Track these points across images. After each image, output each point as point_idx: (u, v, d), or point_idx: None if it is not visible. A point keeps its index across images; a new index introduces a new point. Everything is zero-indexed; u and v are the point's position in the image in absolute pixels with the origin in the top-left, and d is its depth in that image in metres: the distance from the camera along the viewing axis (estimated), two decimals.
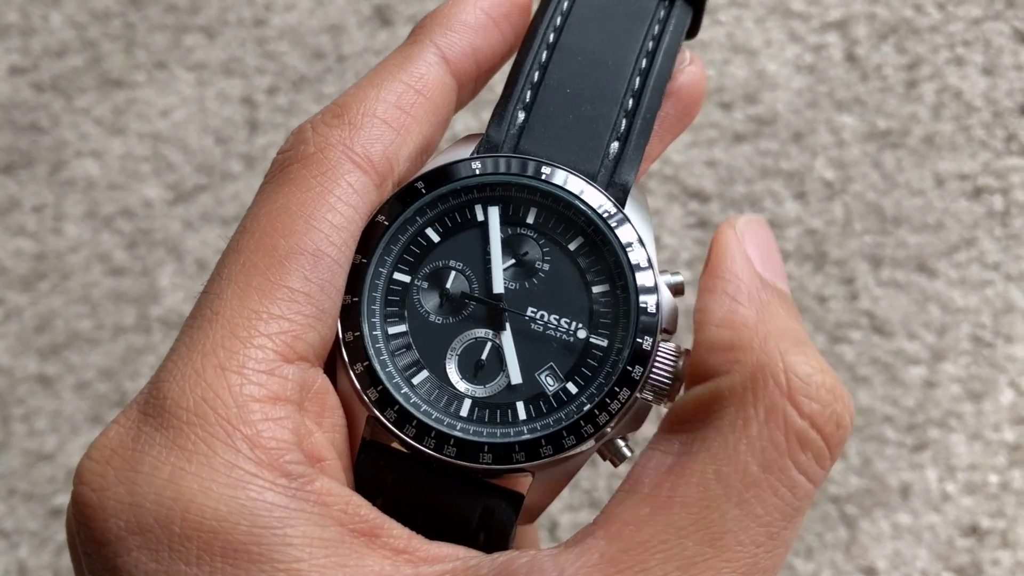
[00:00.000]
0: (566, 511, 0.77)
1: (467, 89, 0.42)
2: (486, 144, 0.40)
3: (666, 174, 0.81)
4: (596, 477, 0.76)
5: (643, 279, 0.38)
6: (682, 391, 0.38)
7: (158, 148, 0.85)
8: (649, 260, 0.38)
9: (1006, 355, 0.77)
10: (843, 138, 0.81)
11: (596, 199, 0.39)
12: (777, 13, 0.84)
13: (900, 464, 0.75)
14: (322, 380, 0.36)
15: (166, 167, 0.84)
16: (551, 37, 0.41)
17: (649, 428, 0.42)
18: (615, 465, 0.39)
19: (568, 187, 0.39)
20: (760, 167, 0.81)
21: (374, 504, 0.36)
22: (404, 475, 0.37)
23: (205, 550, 0.31)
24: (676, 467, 0.34)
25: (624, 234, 0.38)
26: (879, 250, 0.79)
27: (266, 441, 0.33)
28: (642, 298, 0.38)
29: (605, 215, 0.39)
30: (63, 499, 0.79)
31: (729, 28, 0.84)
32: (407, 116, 0.38)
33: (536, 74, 0.40)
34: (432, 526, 0.36)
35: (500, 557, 0.33)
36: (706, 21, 0.84)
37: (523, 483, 0.38)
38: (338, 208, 0.36)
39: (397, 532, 0.34)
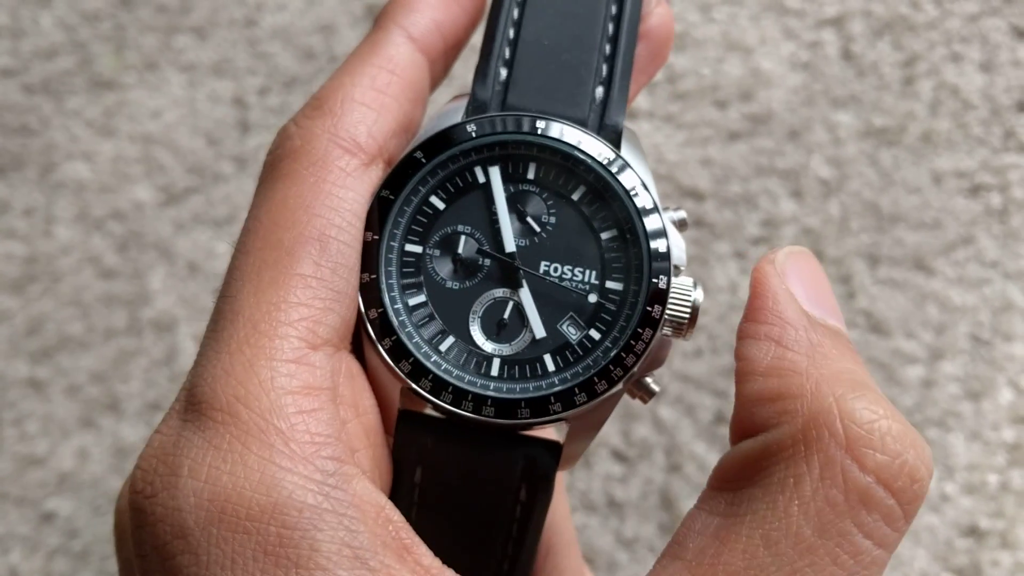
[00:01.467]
0: None
1: (438, 64, 0.42)
2: (474, 103, 0.41)
3: (661, 173, 0.81)
4: (591, 479, 0.76)
5: (650, 220, 0.39)
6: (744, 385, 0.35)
7: (149, 150, 0.84)
8: (653, 200, 0.39)
9: (1005, 354, 0.76)
10: (839, 136, 0.80)
11: (594, 147, 0.39)
12: (772, 10, 0.84)
13: None
14: (349, 362, 0.36)
15: (157, 169, 0.84)
16: None
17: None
18: (644, 402, 0.39)
19: (564, 138, 0.39)
20: (755, 166, 0.80)
21: (415, 472, 0.37)
22: (443, 438, 0.38)
23: (239, 552, 0.31)
24: (721, 531, 0.31)
25: (626, 179, 0.39)
26: (876, 249, 0.78)
27: (300, 435, 0.33)
28: (650, 237, 0.39)
29: (605, 161, 0.39)
30: (54, 503, 0.78)
31: (724, 26, 0.83)
32: (384, 96, 0.39)
33: (511, 31, 0.41)
34: (475, 485, 0.37)
35: None
36: (701, 19, 0.84)
37: (559, 432, 0.39)
38: (334, 192, 0.37)
39: (428, 561, 0.33)
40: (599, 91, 0.40)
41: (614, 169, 0.39)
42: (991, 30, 0.82)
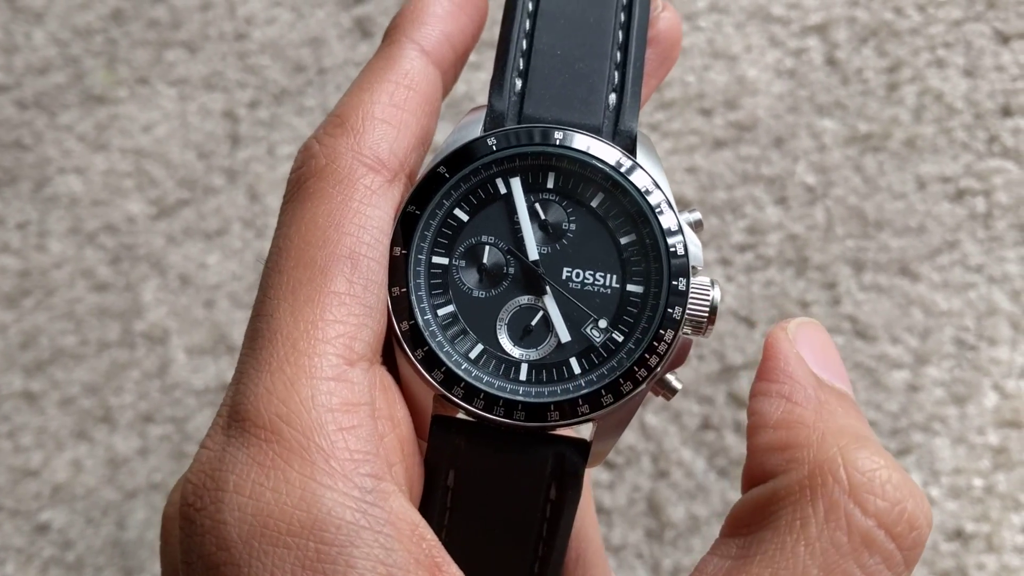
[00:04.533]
0: None
1: (449, 75, 0.43)
2: (491, 114, 0.42)
3: None
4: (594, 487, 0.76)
5: (667, 222, 0.40)
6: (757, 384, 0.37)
7: (141, 163, 0.85)
8: (669, 203, 0.40)
9: (990, 358, 0.76)
10: (824, 142, 0.81)
11: (610, 154, 0.40)
12: (757, 18, 0.84)
13: None
14: (382, 375, 0.38)
15: (149, 182, 0.85)
16: (530, 5, 0.43)
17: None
18: (667, 399, 0.41)
19: (581, 147, 0.40)
20: (741, 173, 0.81)
21: (448, 475, 0.38)
22: (475, 440, 0.39)
23: (279, 566, 0.32)
24: (732, 572, 0.32)
25: (641, 183, 0.40)
26: (861, 254, 0.79)
27: (340, 452, 0.33)
28: (669, 241, 0.40)
29: (621, 168, 0.40)
30: (49, 515, 0.79)
31: (709, 34, 0.84)
32: (403, 112, 0.40)
33: (524, 42, 0.42)
34: (506, 484, 0.39)
35: None
36: (686, 27, 0.84)
37: (587, 431, 0.40)
38: (362, 211, 0.38)
39: (455, 571, 0.34)
40: (612, 98, 0.42)
41: (630, 174, 0.40)
42: (975, 35, 0.82)
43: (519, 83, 0.42)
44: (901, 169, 0.80)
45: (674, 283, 0.39)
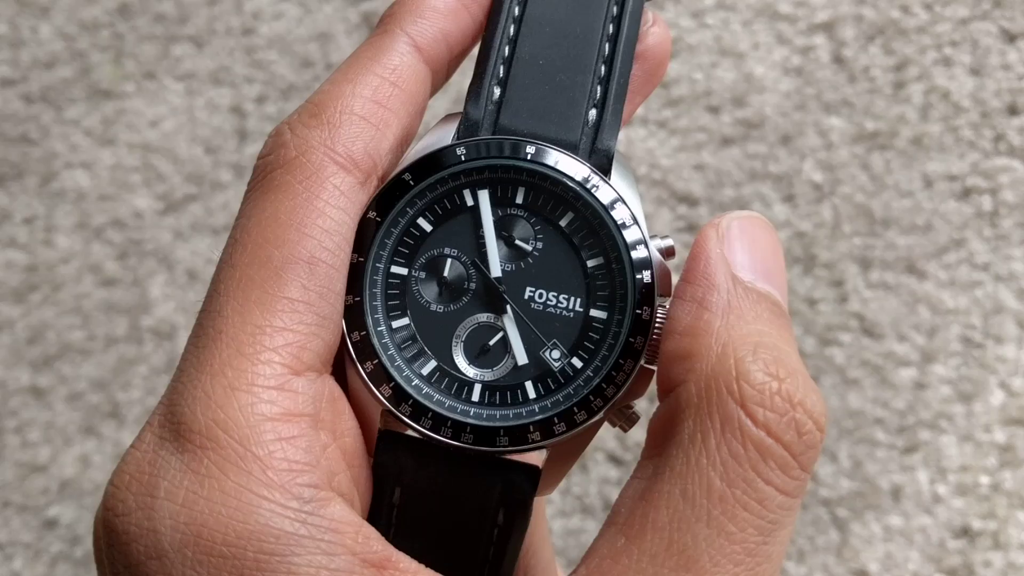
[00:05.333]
0: (558, 516, 0.77)
1: (440, 74, 0.41)
2: (466, 123, 0.40)
3: (654, 178, 0.81)
4: (588, 483, 0.76)
5: (636, 249, 0.38)
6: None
7: (148, 158, 0.85)
8: (640, 229, 0.39)
9: (996, 356, 0.77)
10: (831, 140, 0.81)
11: (582, 173, 0.39)
12: (764, 16, 0.84)
13: (891, 466, 0.75)
14: (331, 386, 0.36)
15: (156, 177, 0.85)
16: (516, 11, 0.41)
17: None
18: (625, 431, 0.39)
19: (553, 164, 0.39)
20: (748, 170, 0.81)
21: (394, 492, 0.37)
22: (422, 459, 0.38)
23: (215, 575, 0.31)
24: (647, 492, 0.33)
25: (612, 206, 0.39)
26: (868, 252, 0.79)
27: (278, 463, 0.32)
28: (636, 267, 0.38)
29: (593, 188, 0.39)
30: (56, 511, 0.79)
31: (716, 31, 0.84)
32: (384, 110, 0.38)
33: (507, 48, 0.40)
34: (453, 507, 0.37)
35: None
36: (694, 24, 0.84)
37: (538, 457, 0.38)
38: (327, 212, 0.36)
39: (405, 565, 0.33)
40: (592, 113, 0.40)
41: (602, 196, 0.39)
42: (981, 34, 0.83)
43: (497, 91, 0.40)
44: (908, 167, 0.80)
45: (638, 311, 0.38)
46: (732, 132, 0.82)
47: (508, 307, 0.39)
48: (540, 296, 0.39)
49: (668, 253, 0.39)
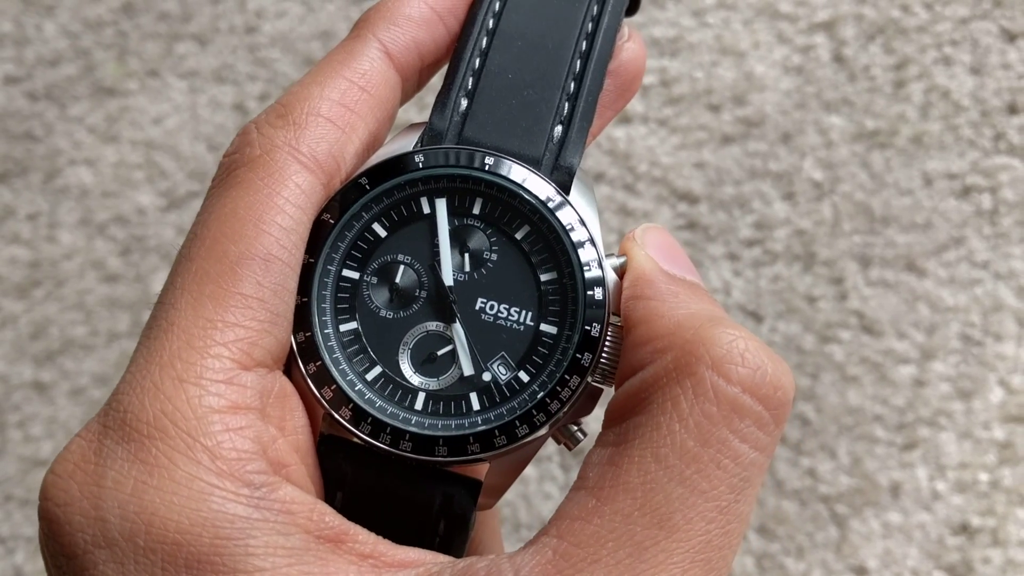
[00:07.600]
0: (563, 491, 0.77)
1: (411, 82, 0.41)
2: (429, 133, 0.40)
3: (655, 176, 0.82)
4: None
5: (589, 266, 0.38)
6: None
7: (151, 155, 0.86)
8: (595, 245, 0.38)
9: (995, 353, 0.77)
10: (831, 139, 0.81)
11: (540, 187, 0.39)
12: (765, 15, 0.85)
13: (890, 463, 0.75)
14: (282, 383, 0.36)
15: (159, 174, 0.85)
16: (490, 23, 0.41)
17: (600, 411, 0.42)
18: (569, 449, 0.39)
19: (511, 176, 0.39)
20: (749, 168, 0.81)
21: (336, 497, 0.37)
22: (363, 467, 0.37)
23: (170, 562, 0.31)
24: (615, 457, 0.33)
25: (569, 223, 0.39)
26: (868, 250, 0.79)
27: (227, 452, 0.33)
28: (589, 284, 0.38)
29: (549, 203, 0.38)
30: None
31: (717, 30, 0.85)
32: (352, 113, 0.38)
33: (477, 60, 0.40)
34: (394, 516, 0.36)
35: (461, 563, 0.33)
36: (694, 23, 0.85)
37: (480, 470, 0.38)
38: (286, 210, 0.36)
39: (363, 537, 0.33)
40: (558, 130, 0.40)
41: (558, 212, 0.38)
42: (981, 33, 0.83)
43: (464, 103, 0.40)
44: (908, 166, 0.81)
45: (587, 328, 0.37)
46: (732, 130, 0.82)
47: (458, 317, 0.39)
48: (492, 307, 0.39)
49: (622, 272, 0.39)
